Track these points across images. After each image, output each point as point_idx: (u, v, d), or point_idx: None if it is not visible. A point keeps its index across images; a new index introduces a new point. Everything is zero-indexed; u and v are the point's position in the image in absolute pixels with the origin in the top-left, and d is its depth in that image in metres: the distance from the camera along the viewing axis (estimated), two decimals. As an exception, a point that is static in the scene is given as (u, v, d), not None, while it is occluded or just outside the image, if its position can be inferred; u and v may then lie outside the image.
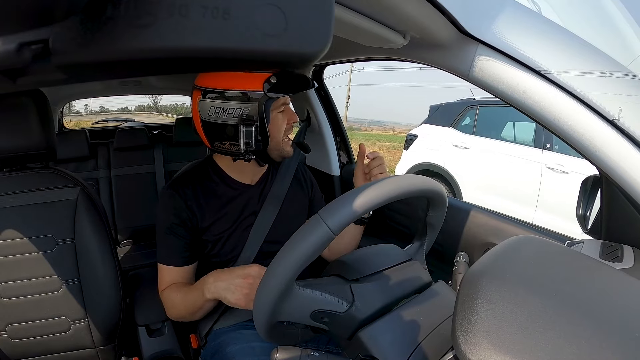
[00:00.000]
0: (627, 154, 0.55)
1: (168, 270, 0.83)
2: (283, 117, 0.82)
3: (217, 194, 0.84)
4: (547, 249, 0.46)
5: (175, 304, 0.82)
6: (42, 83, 0.17)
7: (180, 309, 0.81)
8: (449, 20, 0.58)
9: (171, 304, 0.83)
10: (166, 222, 0.81)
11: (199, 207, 0.82)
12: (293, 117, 0.84)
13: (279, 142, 0.82)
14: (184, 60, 0.16)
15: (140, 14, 0.14)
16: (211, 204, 0.83)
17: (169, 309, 0.84)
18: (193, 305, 0.78)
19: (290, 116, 0.83)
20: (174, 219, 0.80)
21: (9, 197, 0.86)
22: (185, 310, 0.81)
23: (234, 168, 0.87)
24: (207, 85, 0.76)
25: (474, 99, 3.94)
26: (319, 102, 1.49)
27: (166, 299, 0.84)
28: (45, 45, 0.14)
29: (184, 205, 0.80)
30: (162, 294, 0.84)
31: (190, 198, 0.81)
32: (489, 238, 0.91)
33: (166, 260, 0.83)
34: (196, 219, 0.82)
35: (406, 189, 0.53)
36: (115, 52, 0.15)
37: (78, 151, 1.91)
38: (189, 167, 0.88)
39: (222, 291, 0.72)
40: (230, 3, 0.16)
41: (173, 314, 0.85)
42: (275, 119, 0.80)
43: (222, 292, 0.72)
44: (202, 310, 0.79)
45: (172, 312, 0.84)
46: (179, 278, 0.84)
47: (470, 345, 0.33)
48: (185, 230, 0.81)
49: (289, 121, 0.83)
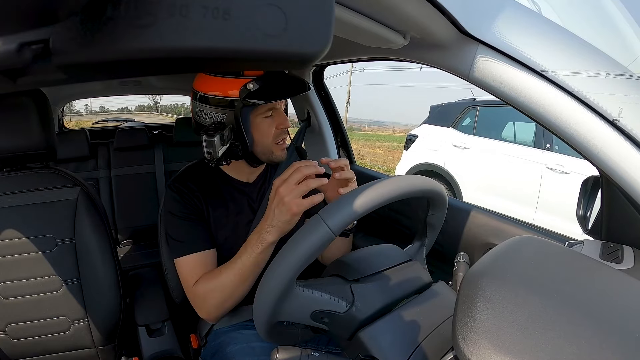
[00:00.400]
0: (627, 154, 0.55)
1: (196, 259, 0.78)
2: (271, 122, 0.81)
3: (216, 190, 0.85)
4: (547, 250, 0.46)
5: (218, 285, 0.75)
6: (42, 83, 0.17)
7: (226, 286, 0.74)
8: (449, 20, 0.58)
9: (213, 288, 0.75)
10: (179, 211, 0.81)
11: (205, 202, 0.83)
12: (284, 122, 0.82)
13: (266, 147, 0.81)
14: (184, 61, 0.16)
15: (140, 14, 0.14)
16: (211, 201, 0.84)
17: (209, 296, 0.76)
18: (244, 269, 0.72)
19: (281, 121, 0.81)
20: (187, 206, 0.81)
21: (9, 197, 0.86)
22: (234, 284, 0.73)
23: (231, 167, 0.88)
24: (196, 88, 0.79)
25: (474, 99, 3.94)
26: (319, 102, 1.49)
27: (203, 289, 0.77)
28: (45, 45, 0.14)
29: (191, 196, 0.82)
30: (196, 287, 0.77)
31: (195, 190, 0.83)
32: (489, 238, 0.91)
33: (191, 248, 0.79)
34: (203, 211, 0.83)
35: (406, 189, 0.53)
36: (116, 52, 0.15)
37: (78, 151, 1.91)
38: (190, 165, 0.90)
39: (276, 222, 0.66)
40: (231, 3, 0.16)
41: (215, 300, 0.76)
42: (260, 125, 0.79)
43: (277, 222, 0.66)
44: (257, 268, 0.72)
45: (215, 297, 0.76)
46: (209, 264, 0.79)
47: (471, 346, 0.33)
48: (198, 217, 0.82)
49: (278, 126, 0.81)
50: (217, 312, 0.79)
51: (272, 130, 0.81)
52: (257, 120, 0.79)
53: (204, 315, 0.80)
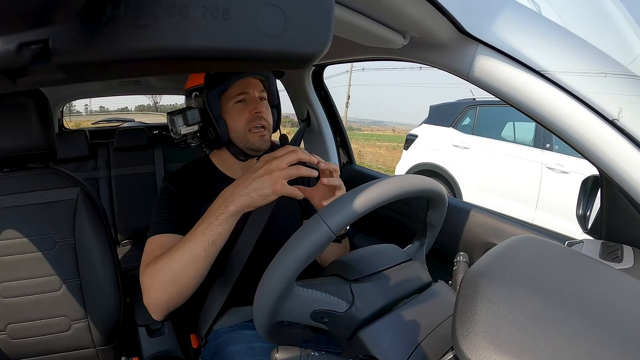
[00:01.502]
0: (627, 154, 0.55)
1: (160, 240, 0.72)
2: (243, 107, 0.82)
3: (211, 188, 0.86)
4: (547, 249, 0.46)
5: (165, 262, 0.64)
6: (42, 83, 0.17)
7: (174, 262, 0.63)
8: (449, 20, 0.58)
9: (160, 266, 0.64)
10: (164, 199, 0.81)
11: (196, 196, 0.83)
12: (256, 107, 0.81)
13: (240, 133, 0.82)
14: (184, 61, 0.17)
15: (140, 14, 0.14)
16: (203, 196, 0.84)
17: (155, 277, 0.65)
18: (197, 243, 0.62)
19: (254, 106, 0.82)
20: (174, 196, 0.81)
21: (8, 197, 0.86)
22: (182, 262, 0.63)
23: (224, 164, 0.90)
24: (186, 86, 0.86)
25: (474, 99, 3.94)
26: (319, 102, 1.49)
27: (152, 269, 0.66)
28: (45, 45, 0.14)
29: (183, 189, 0.83)
30: (147, 267, 0.67)
31: (188, 187, 0.83)
32: (489, 238, 0.91)
33: (161, 229, 0.73)
34: (193, 205, 0.83)
35: (406, 189, 0.53)
36: (116, 52, 0.15)
37: (78, 151, 1.91)
38: (189, 162, 0.92)
39: (251, 191, 0.60)
40: (230, 3, 0.16)
41: (159, 281, 0.64)
42: (231, 110, 0.82)
43: (253, 192, 0.60)
44: (212, 246, 0.63)
45: (159, 277, 0.64)
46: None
47: (470, 345, 0.33)
48: (183, 206, 0.81)
49: (252, 111, 0.81)
50: (160, 296, 0.66)
51: (245, 116, 0.82)
52: (229, 106, 0.82)
53: (147, 300, 0.68)
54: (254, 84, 0.85)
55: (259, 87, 0.85)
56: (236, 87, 0.82)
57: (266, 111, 0.85)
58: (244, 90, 0.82)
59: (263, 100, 0.86)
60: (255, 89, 0.84)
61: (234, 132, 0.83)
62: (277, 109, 0.93)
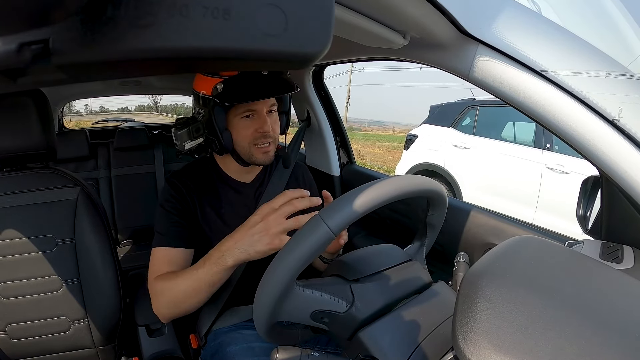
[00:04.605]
0: (627, 154, 0.55)
1: (166, 254, 0.77)
2: (249, 124, 0.79)
3: (214, 189, 0.86)
4: (547, 250, 0.46)
5: (172, 288, 0.71)
6: (42, 83, 0.17)
7: (179, 291, 0.70)
8: (449, 20, 0.58)
9: (167, 288, 0.72)
10: (168, 205, 0.81)
11: (199, 199, 0.83)
12: (262, 127, 0.78)
13: (244, 148, 0.81)
14: (184, 61, 0.17)
15: (140, 14, 0.14)
16: (209, 199, 0.84)
17: (162, 296, 0.73)
18: (199, 282, 0.68)
19: (260, 125, 0.78)
20: (177, 202, 0.81)
21: (8, 197, 0.86)
22: (186, 293, 0.70)
23: (229, 166, 0.89)
24: (193, 86, 0.82)
25: (474, 99, 3.94)
26: (319, 102, 1.49)
27: (159, 286, 0.73)
28: (45, 45, 0.14)
29: (185, 192, 0.82)
30: (155, 281, 0.74)
31: (191, 189, 0.83)
32: (489, 238, 0.91)
33: (167, 242, 0.77)
34: (196, 209, 0.82)
35: (406, 189, 0.53)
36: (116, 52, 0.15)
37: (78, 151, 1.91)
38: (191, 162, 0.90)
39: (248, 247, 0.63)
40: (231, 3, 0.16)
41: (166, 301, 0.73)
42: (237, 125, 0.79)
43: (250, 248, 0.63)
44: (212, 287, 0.69)
45: (166, 298, 0.72)
46: (179, 263, 0.77)
47: (471, 346, 0.33)
48: (186, 215, 0.81)
49: (258, 129, 0.79)
50: (167, 313, 0.75)
51: (250, 132, 0.79)
52: (235, 121, 0.79)
53: (155, 311, 0.76)
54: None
55: (269, 102, 0.81)
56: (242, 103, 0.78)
57: (274, 124, 0.82)
58: (251, 107, 0.78)
59: (272, 113, 0.82)
60: (265, 104, 0.80)
61: (239, 145, 0.81)
62: (287, 114, 0.91)
